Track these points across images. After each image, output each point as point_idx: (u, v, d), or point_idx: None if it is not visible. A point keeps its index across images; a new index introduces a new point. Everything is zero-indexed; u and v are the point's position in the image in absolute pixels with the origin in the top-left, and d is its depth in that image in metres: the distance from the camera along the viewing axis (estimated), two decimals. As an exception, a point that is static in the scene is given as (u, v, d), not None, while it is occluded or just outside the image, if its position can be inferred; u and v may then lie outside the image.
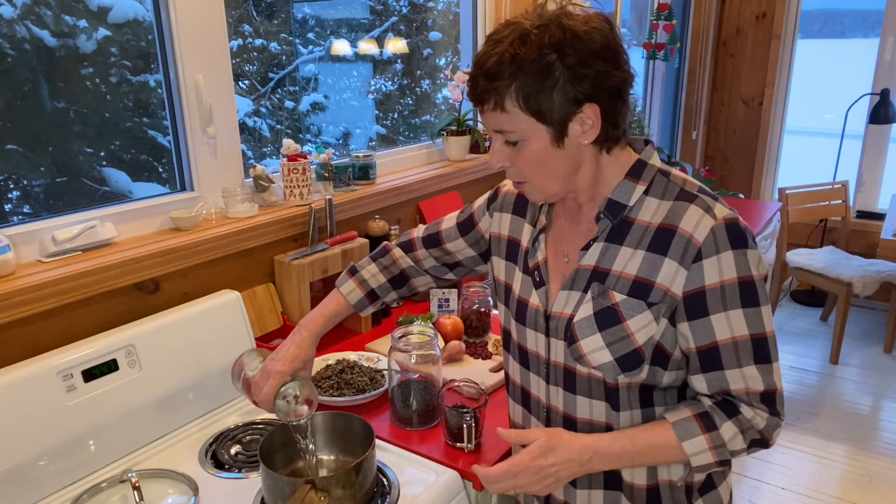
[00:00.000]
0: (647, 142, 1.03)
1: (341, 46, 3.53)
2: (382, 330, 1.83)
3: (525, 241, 1.12)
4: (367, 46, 3.50)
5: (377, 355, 1.63)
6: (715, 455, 0.96)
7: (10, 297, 1.19)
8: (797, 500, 2.58)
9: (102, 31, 1.66)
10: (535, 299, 1.07)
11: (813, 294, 4.40)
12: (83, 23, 1.62)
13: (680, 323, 0.95)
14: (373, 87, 3.97)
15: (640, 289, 0.96)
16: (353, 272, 1.29)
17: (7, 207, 1.57)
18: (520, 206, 1.17)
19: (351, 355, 1.62)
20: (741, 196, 4.15)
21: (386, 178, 2.07)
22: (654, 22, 3.44)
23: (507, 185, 1.21)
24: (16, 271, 1.27)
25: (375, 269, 1.30)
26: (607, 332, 0.98)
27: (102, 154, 1.76)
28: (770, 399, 0.95)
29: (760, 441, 0.97)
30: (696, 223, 0.93)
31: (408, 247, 1.32)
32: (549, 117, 0.91)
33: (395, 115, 3.99)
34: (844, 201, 3.95)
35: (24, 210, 1.60)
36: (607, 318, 0.98)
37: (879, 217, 4.10)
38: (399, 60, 3.73)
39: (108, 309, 1.39)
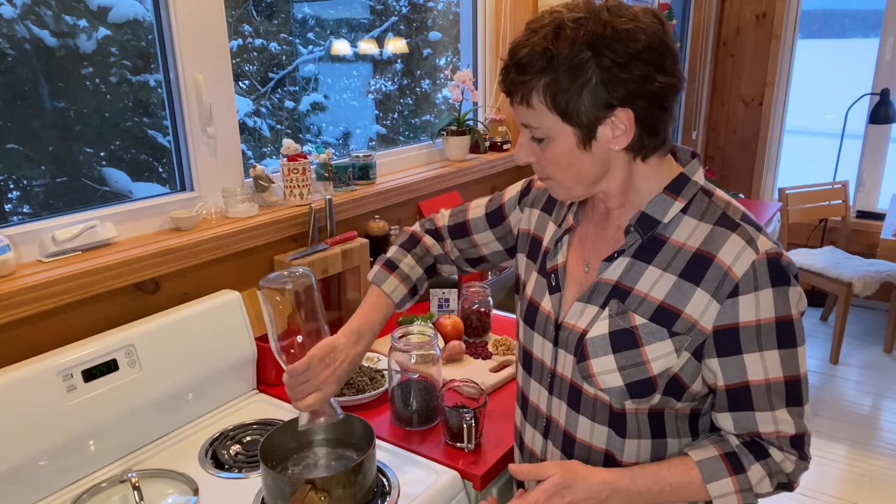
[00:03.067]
0: (693, 154, 0.96)
1: (341, 46, 3.53)
2: (383, 330, 1.83)
3: (547, 240, 1.07)
4: (367, 46, 3.50)
5: (377, 355, 1.63)
6: (741, 499, 0.91)
7: (10, 297, 1.19)
8: (797, 500, 2.58)
9: (102, 31, 1.66)
10: (546, 304, 1.02)
11: (813, 294, 4.40)
12: (83, 23, 1.62)
13: (709, 358, 0.89)
14: (373, 87, 3.97)
15: (665, 316, 0.89)
16: (391, 267, 1.18)
17: (7, 207, 1.57)
18: (549, 203, 1.11)
19: (351, 355, 1.62)
20: (741, 196, 4.15)
21: (386, 178, 2.07)
22: (654, 22, 3.44)
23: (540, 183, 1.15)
24: (16, 271, 1.27)
25: (412, 261, 1.20)
26: (621, 356, 0.91)
27: (102, 154, 1.76)
28: (800, 443, 0.91)
29: (788, 485, 0.93)
30: (736, 255, 0.86)
31: (436, 235, 1.25)
32: (577, 118, 0.86)
33: (395, 115, 3.99)
34: (844, 201, 3.95)
35: (24, 210, 1.60)
36: (623, 341, 0.91)
37: (879, 217, 4.10)
38: (399, 60, 3.73)
39: (109, 309, 1.39)
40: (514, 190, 1.20)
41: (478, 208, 1.23)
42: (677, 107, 0.90)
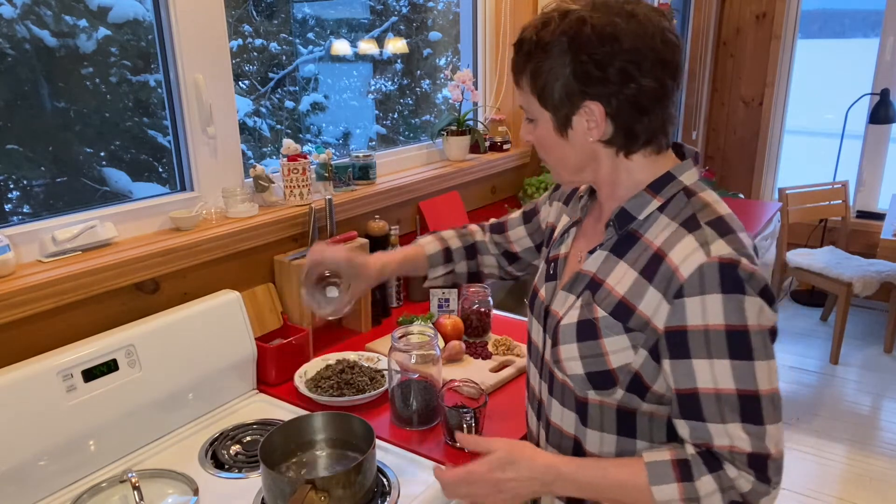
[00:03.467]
0: (692, 155, 0.95)
1: (341, 46, 3.53)
2: (382, 330, 1.83)
3: (558, 230, 1.11)
4: (367, 46, 3.50)
5: (377, 355, 1.63)
6: None
7: (10, 297, 1.19)
8: (797, 500, 2.58)
9: (102, 31, 1.66)
10: (543, 291, 1.05)
11: (813, 294, 4.40)
12: (83, 22, 1.62)
13: (663, 359, 0.88)
14: (373, 87, 3.97)
15: (622, 311, 0.90)
16: (432, 233, 1.31)
17: (7, 207, 1.57)
18: (569, 196, 1.14)
19: (351, 355, 1.62)
20: (741, 196, 4.15)
21: (386, 178, 2.07)
22: (654, 22, 3.44)
23: None
24: (16, 271, 1.27)
25: (453, 233, 1.30)
26: (584, 345, 0.93)
27: (102, 154, 1.76)
28: (760, 463, 0.83)
29: None
30: (685, 256, 0.85)
31: (481, 227, 1.34)
32: (552, 105, 0.90)
33: (395, 115, 3.99)
34: (844, 201, 3.95)
35: (24, 210, 1.61)
36: (586, 331, 0.93)
37: (879, 217, 4.10)
38: (399, 60, 3.73)
39: (108, 309, 1.39)
40: (551, 189, 1.24)
41: (518, 210, 1.30)
42: (666, 110, 0.91)
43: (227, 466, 1.27)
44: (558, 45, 0.86)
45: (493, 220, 1.32)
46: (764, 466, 0.83)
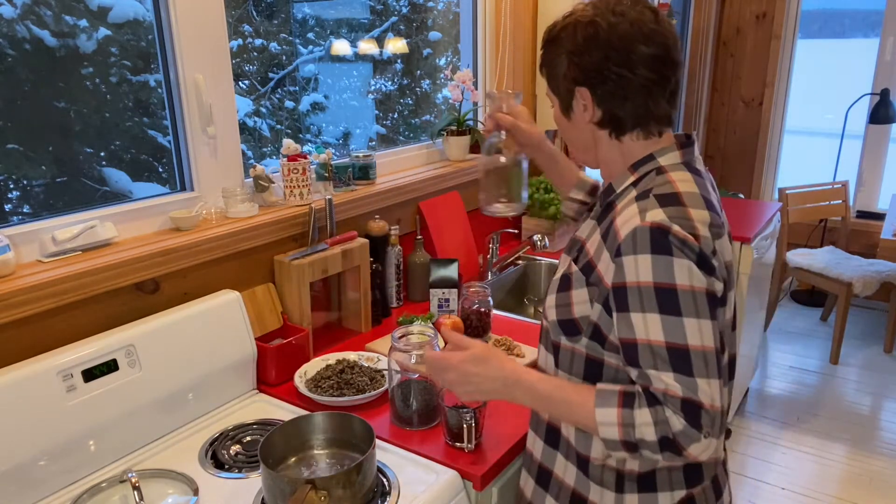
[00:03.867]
0: (686, 138, 1.07)
1: (341, 46, 3.53)
2: (382, 330, 1.83)
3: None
4: (367, 46, 3.50)
5: (377, 355, 1.63)
6: (621, 433, 0.93)
7: (10, 297, 1.19)
8: (797, 500, 2.58)
9: (103, 31, 1.66)
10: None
11: (813, 294, 4.40)
12: (83, 23, 1.62)
13: (613, 312, 0.98)
14: (373, 87, 3.97)
15: (588, 268, 1.02)
16: None
17: (7, 207, 1.57)
18: None
19: (351, 355, 1.62)
20: (741, 196, 4.15)
21: (386, 178, 2.07)
22: (654, 22, 3.44)
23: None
24: (16, 271, 1.27)
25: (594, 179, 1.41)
26: (560, 296, 1.06)
27: (102, 154, 1.76)
28: (692, 410, 0.89)
29: (674, 445, 0.91)
30: (625, 221, 0.96)
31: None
32: (557, 90, 1.07)
33: (395, 115, 3.99)
34: (844, 201, 3.95)
35: (24, 210, 1.60)
36: (564, 283, 1.06)
37: (879, 217, 4.11)
38: (399, 60, 3.73)
39: (108, 309, 1.39)
40: None
41: None
42: (652, 98, 1.01)
43: (227, 466, 1.27)
44: (560, 41, 1.03)
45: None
46: (696, 415, 0.90)
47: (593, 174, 1.55)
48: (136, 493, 1.14)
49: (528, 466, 1.20)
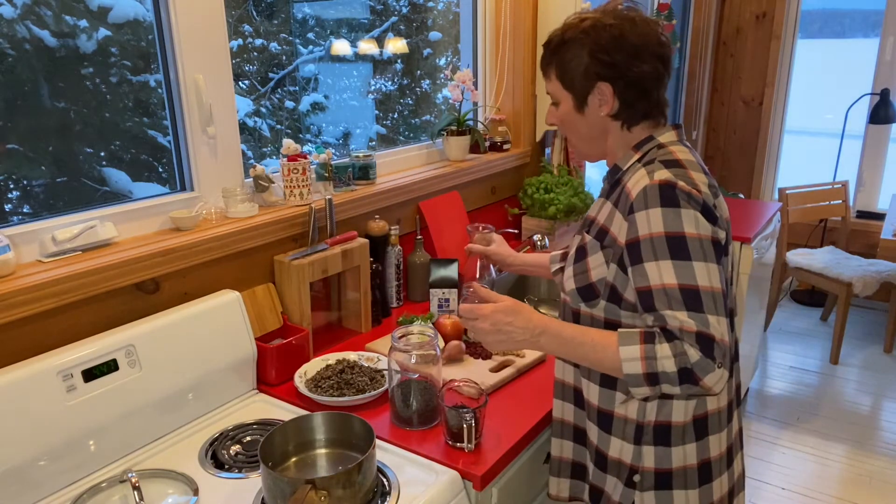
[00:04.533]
0: (675, 126, 1.19)
1: (341, 46, 3.53)
2: (382, 330, 1.83)
3: None
4: (367, 46, 3.50)
5: (377, 355, 1.63)
6: (644, 366, 1.01)
7: (10, 297, 1.19)
8: (797, 500, 2.58)
9: (103, 31, 1.66)
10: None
11: (813, 294, 4.40)
12: (83, 23, 1.62)
13: (628, 268, 1.08)
14: (373, 87, 3.97)
15: (601, 234, 1.14)
16: None
17: (7, 207, 1.57)
18: None
19: (351, 355, 1.62)
20: (741, 196, 4.15)
21: (386, 178, 2.07)
22: (654, 22, 3.44)
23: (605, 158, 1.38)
24: (16, 271, 1.27)
25: None
26: (577, 265, 1.18)
27: (102, 154, 1.76)
28: (706, 342, 0.99)
29: (692, 375, 1.00)
30: (635, 182, 1.09)
31: None
32: (573, 86, 1.16)
33: (395, 115, 3.99)
34: (844, 201, 3.95)
35: (24, 210, 1.60)
36: (580, 254, 1.18)
37: (879, 217, 4.10)
38: (399, 60, 3.73)
39: (108, 309, 1.39)
40: None
41: None
42: (660, 92, 1.17)
43: (227, 466, 1.27)
44: (578, 41, 1.13)
45: None
46: (710, 347, 1.00)
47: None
48: (136, 493, 1.14)
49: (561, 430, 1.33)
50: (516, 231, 2.43)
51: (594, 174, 3.21)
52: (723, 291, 1.03)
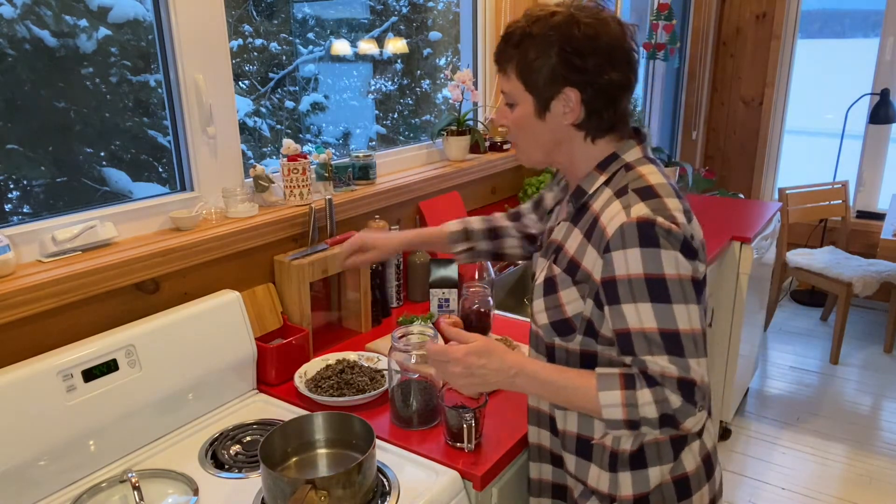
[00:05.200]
0: (637, 132, 1.11)
1: (341, 46, 3.53)
2: (382, 330, 1.83)
3: (551, 209, 1.29)
4: (367, 46, 3.50)
5: (377, 355, 1.63)
6: (625, 413, 0.98)
7: (10, 297, 1.19)
8: (797, 500, 2.58)
9: (103, 31, 1.66)
10: (533, 261, 1.24)
11: (813, 294, 4.40)
12: (83, 23, 1.62)
13: (605, 306, 1.02)
14: (373, 87, 3.97)
15: (572, 267, 1.07)
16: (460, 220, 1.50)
17: (7, 207, 1.57)
18: (563, 181, 1.30)
19: (351, 355, 1.62)
20: (741, 196, 4.15)
21: (386, 178, 2.07)
22: (654, 22, 3.44)
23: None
24: (16, 271, 1.27)
25: (478, 217, 1.48)
26: (548, 298, 1.10)
27: (102, 154, 1.76)
28: (687, 388, 0.97)
29: (673, 421, 0.97)
30: (611, 217, 1.01)
31: (506, 215, 1.49)
32: (536, 88, 1.04)
33: (395, 115, 3.99)
34: (844, 201, 3.95)
35: (24, 210, 1.60)
36: (550, 286, 1.10)
37: (879, 217, 4.10)
38: (399, 60, 3.73)
39: (108, 309, 1.39)
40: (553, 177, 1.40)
41: (530, 200, 1.47)
42: (628, 101, 1.08)
43: (227, 466, 1.27)
44: (547, 37, 1.01)
45: (511, 210, 1.49)
46: (691, 391, 0.97)
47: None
48: (136, 493, 1.14)
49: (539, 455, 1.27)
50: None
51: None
52: (703, 331, 0.99)
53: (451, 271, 1.90)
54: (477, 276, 2.01)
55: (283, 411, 1.46)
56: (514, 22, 1.05)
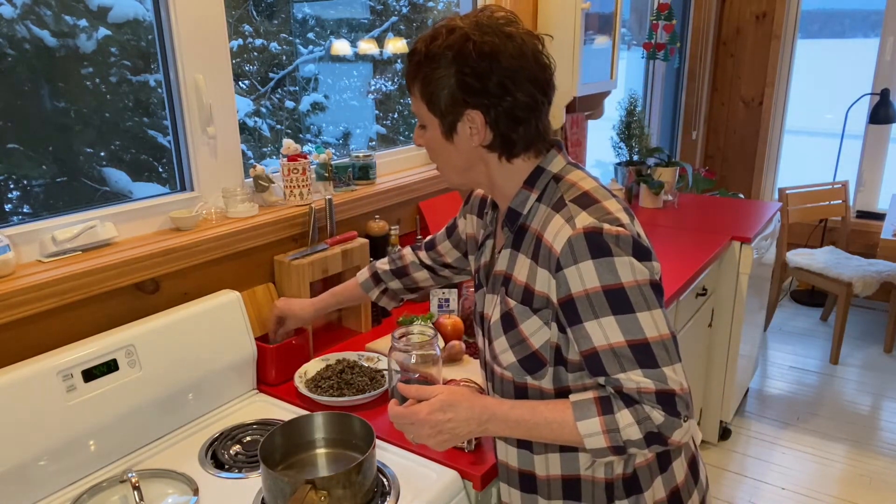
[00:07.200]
0: (554, 145, 1.04)
1: (341, 46, 3.53)
2: (382, 330, 1.83)
3: (480, 243, 1.19)
4: (367, 46, 3.50)
5: (377, 355, 1.63)
6: (608, 440, 0.93)
7: (10, 297, 1.19)
8: (797, 500, 2.58)
9: (102, 31, 1.66)
10: (477, 300, 1.16)
11: (813, 294, 4.40)
12: (83, 23, 1.62)
13: (567, 328, 0.97)
14: (373, 87, 3.97)
15: (527, 295, 1.00)
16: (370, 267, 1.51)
17: (7, 207, 1.57)
18: (481, 207, 1.24)
19: (351, 355, 1.62)
20: (741, 196, 4.15)
21: (386, 178, 2.07)
22: (654, 22, 3.44)
23: (479, 189, 1.26)
24: (16, 271, 1.27)
25: (385, 260, 1.49)
26: (510, 335, 1.03)
27: (102, 154, 1.76)
28: (667, 400, 0.91)
29: (659, 438, 0.92)
30: (555, 233, 0.95)
31: (415, 248, 1.48)
32: (439, 111, 0.99)
33: (395, 115, 3.99)
34: (844, 201, 3.95)
35: (24, 210, 1.60)
36: (508, 322, 1.02)
37: (879, 217, 4.11)
38: (399, 60, 3.73)
39: (108, 309, 1.39)
40: (463, 204, 1.34)
41: (443, 228, 1.43)
42: (540, 120, 1.00)
43: (227, 466, 1.27)
44: (444, 57, 0.95)
45: (426, 239, 1.47)
46: (672, 402, 0.92)
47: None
48: (136, 493, 1.14)
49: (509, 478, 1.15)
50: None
51: (593, 173, 3.20)
52: (672, 335, 0.94)
53: (451, 271, 1.90)
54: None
55: (283, 411, 1.46)
56: (419, 38, 0.99)
